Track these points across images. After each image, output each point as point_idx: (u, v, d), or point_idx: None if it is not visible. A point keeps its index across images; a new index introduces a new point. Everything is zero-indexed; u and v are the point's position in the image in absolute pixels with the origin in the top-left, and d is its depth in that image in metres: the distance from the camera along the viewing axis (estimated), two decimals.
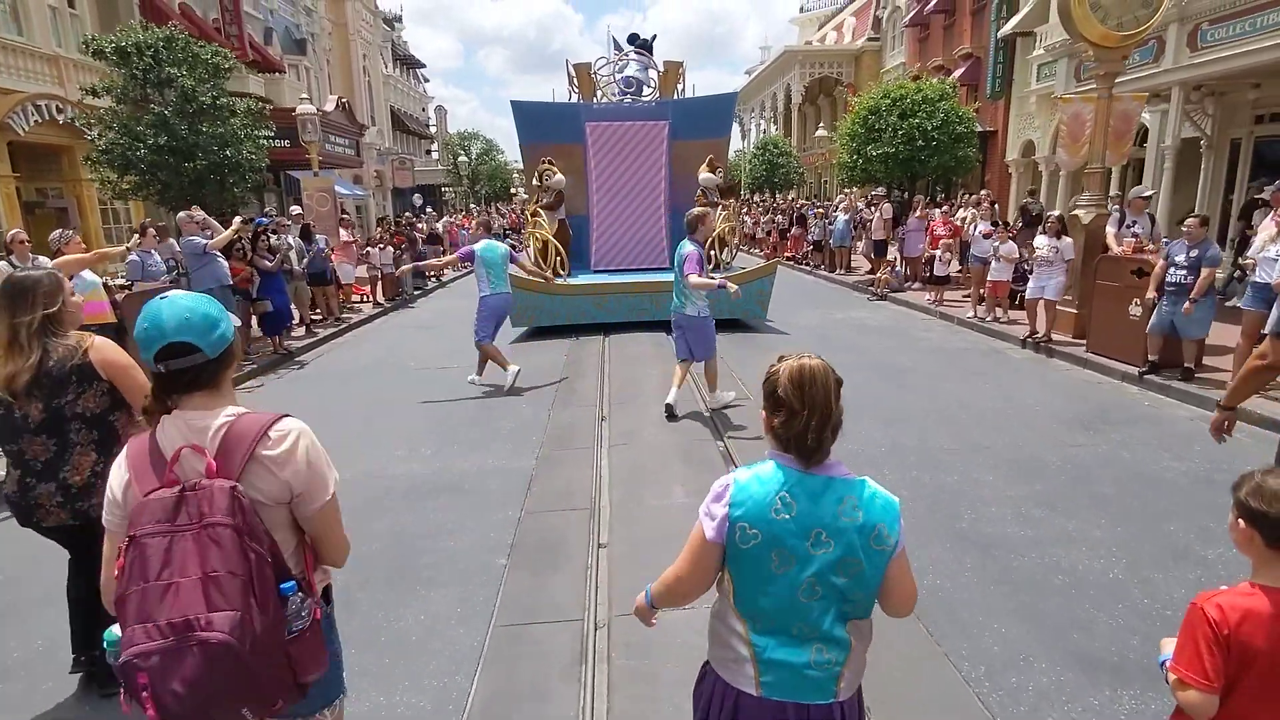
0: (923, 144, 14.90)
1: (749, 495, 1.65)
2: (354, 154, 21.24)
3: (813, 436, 1.63)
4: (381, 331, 12.87)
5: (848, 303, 14.44)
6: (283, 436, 1.68)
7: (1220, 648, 1.61)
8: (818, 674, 1.66)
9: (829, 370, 1.69)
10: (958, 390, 7.68)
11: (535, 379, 8.66)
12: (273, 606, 1.59)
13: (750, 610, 1.69)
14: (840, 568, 1.62)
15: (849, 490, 1.65)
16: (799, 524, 1.62)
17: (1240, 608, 1.62)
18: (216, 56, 10.14)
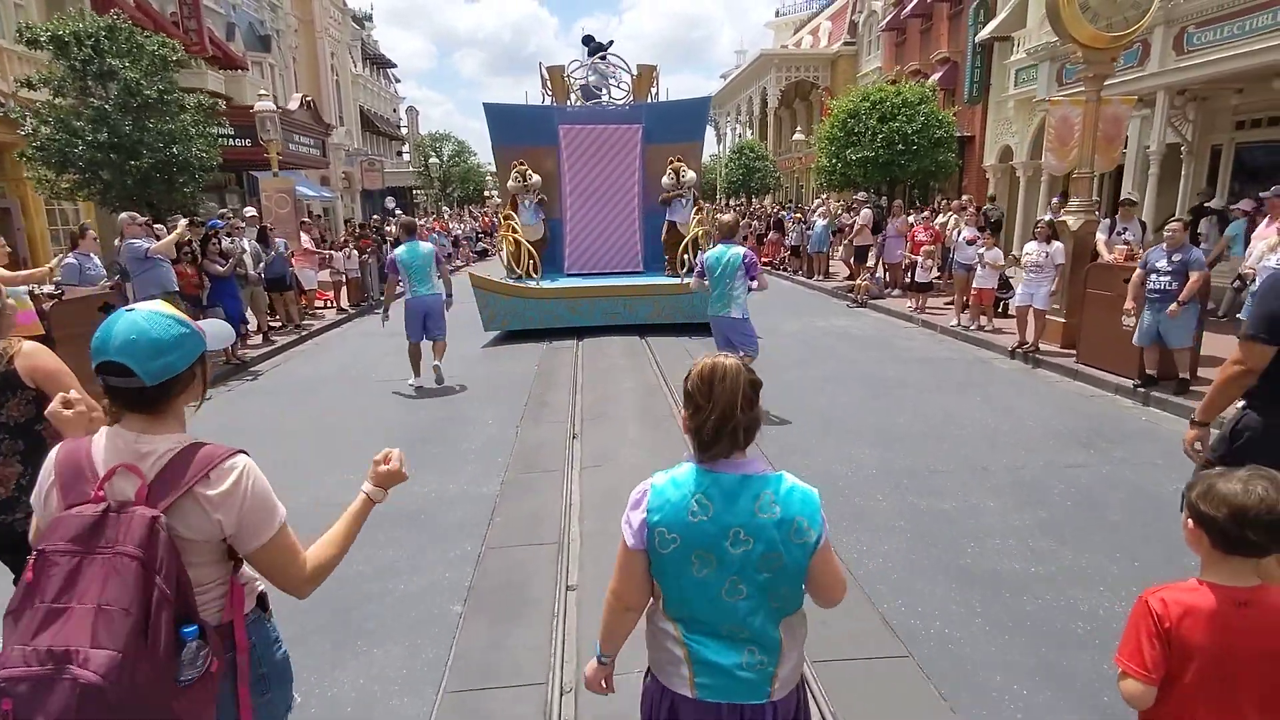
0: (902, 148, 14.63)
1: (666, 500, 1.65)
2: (320, 154, 20.57)
3: (710, 432, 1.62)
4: (345, 339, 12.29)
5: (828, 310, 14.12)
6: (224, 475, 1.59)
7: (1161, 641, 1.64)
8: (750, 675, 1.66)
9: (741, 370, 1.66)
10: (948, 404, 7.33)
11: (505, 390, 8.18)
12: (163, 651, 1.46)
13: (679, 613, 1.70)
14: (762, 564, 1.61)
15: (765, 486, 1.64)
16: (716, 524, 1.62)
17: (1183, 603, 1.65)
18: (164, 48, 9.50)
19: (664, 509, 1.65)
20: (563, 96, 14.13)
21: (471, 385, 8.61)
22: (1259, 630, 1.61)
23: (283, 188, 13.07)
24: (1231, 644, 1.61)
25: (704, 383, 1.65)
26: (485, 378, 9.03)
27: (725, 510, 1.62)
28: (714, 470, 1.66)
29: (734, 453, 1.66)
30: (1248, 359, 2.85)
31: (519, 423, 6.99)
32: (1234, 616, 1.62)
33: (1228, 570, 1.66)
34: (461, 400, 7.91)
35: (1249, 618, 1.62)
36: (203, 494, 1.57)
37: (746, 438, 1.66)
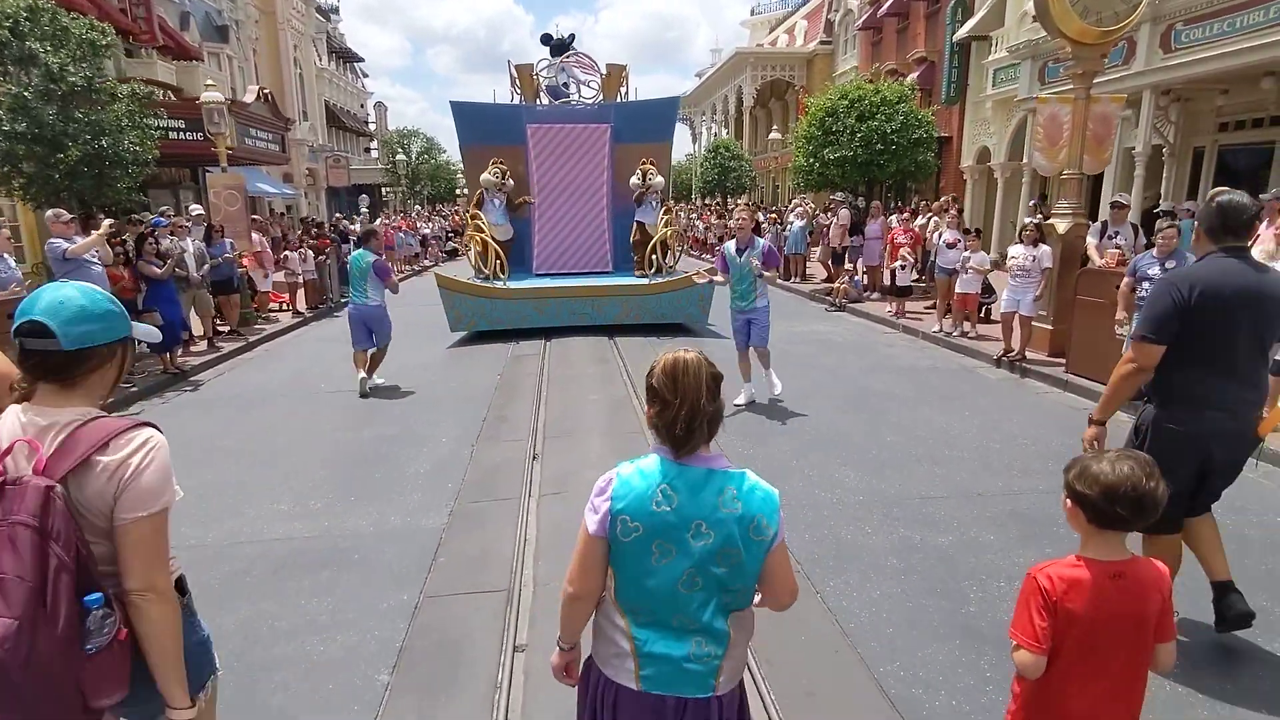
0: (881, 148, 14.24)
1: (631, 489, 1.67)
2: (279, 150, 19.69)
3: (682, 426, 1.65)
4: (297, 345, 11.58)
5: (805, 313, 13.70)
6: (125, 443, 1.57)
7: (1050, 613, 1.79)
8: (697, 667, 1.68)
9: (702, 363, 1.69)
10: (936, 419, 6.88)
11: (464, 402, 7.60)
12: (64, 619, 1.45)
13: (631, 604, 1.70)
14: (720, 557, 1.64)
15: (729, 482, 1.67)
16: (679, 515, 1.64)
17: (1067, 577, 1.81)
18: (92, 32, 8.76)
19: (629, 497, 1.66)
20: (532, 95, 13.96)
21: (428, 396, 8.03)
22: (1129, 598, 1.80)
23: (232, 184, 12.32)
24: (1106, 612, 1.78)
25: (669, 378, 1.67)
26: (444, 388, 8.45)
27: (689, 502, 1.64)
28: (680, 462, 1.67)
29: (702, 447, 1.69)
30: (1139, 358, 2.97)
31: (475, 441, 6.41)
32: (1109, 587, 1.79)
33: (1103, 545, 1.84)
34: (415, 414, 7.31)
35: (1121, 588, 1.80)
36: (100, 460, 1.53)
37: (711, 430, 1.69)
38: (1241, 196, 3.03)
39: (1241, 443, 3.07)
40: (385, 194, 37.49)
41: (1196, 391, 2.96)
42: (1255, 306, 2.88)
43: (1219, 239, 3.00)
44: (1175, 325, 2.89)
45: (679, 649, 1.68)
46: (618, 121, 13.10)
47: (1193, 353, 2.92)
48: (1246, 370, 2.98)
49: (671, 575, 1.65)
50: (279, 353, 10.99)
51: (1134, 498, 1.76)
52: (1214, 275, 2.91)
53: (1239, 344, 2.93)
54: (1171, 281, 2.98)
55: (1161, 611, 1.83)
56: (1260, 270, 2.97)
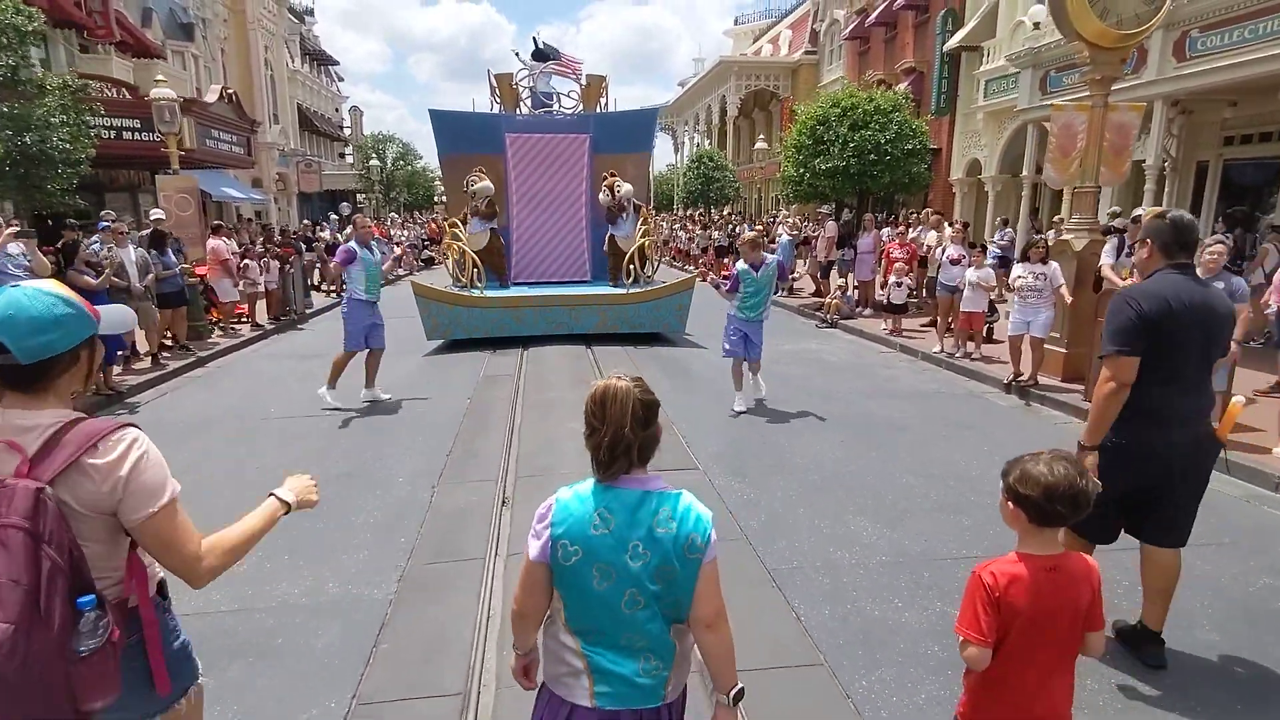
0: (874, 158, 13.67)
1: (570, 513, 1.71)
2: (243, 152, 18.79)
3: (605, 452, 1.70)
4: (251, 362, 10.71)
5: (796, 331, 13.06)
6: (113, 445, 1.56)
7: (993, 608, 1.92)
8: (647, 681, 1.73)
9: (631, 391, 1.72)
10: (950, 455, 6.22)
11: (429, 431, 6.83)
12: (59, 621, 1.45)
13: (579, 626, 1.75)
14: (657, 574, 1.68)
15: (664, 502, 1.71)
16: (616, 538, 1.68)
17: (1008, 574, 1.94)
18: (17, 16, 7.90)
19: (567, 522, 1.71)
20: (512, 104, 13.85)
21: (390, 423, 7.25)
22: (1063, 590, 1.95)
23: (184, 187, 11.44)
24: (1043, 604, 1.92)
25: (597, 405, 1.71)
26: (410, 411, 7.69)
27: (626, 525, 1.69)
28: (615, 486, 1.72)
29: (633, 469, 1.73)
30: (1117, 373, 2.98)
31: (437, 481, 5.64)
32: (1045, 580, 1.94)
33: (1039, 542, 1.98)
34: (373, 445, 6.52)
35: (1056, 580, 1.94)
36: (90, 463, 1.52)
37: (642, 455, 1.73)
38: (1187, 214, 3.18)
39: (1200, 451, 3.11)
40: (360, 200, 36.45)
41: (1148, 405, 2.98)
42: (1204, 321, 2.97)
43: (1172, 255, 3.06)
44: (1141, 335, 2.93)
45: (629, 666, 1.72)
46: (597, 132, 13.06)
47: (1148, 366, 2.95)
48: (1193, 381, 3.06)
49: (615, 596, 1.69)
50: (231, 370, 10.12)
51: (1070, 495, 1.89)
52: (1167, 291, 2.96)
53: (1190, 357, 3.00)
54: (1125, 297, 3.02)
55: (1091, 602, 1.97)
56: (1204, 287, 3.07)
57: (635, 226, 12.09)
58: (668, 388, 8.44)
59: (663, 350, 10.84)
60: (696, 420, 7.17)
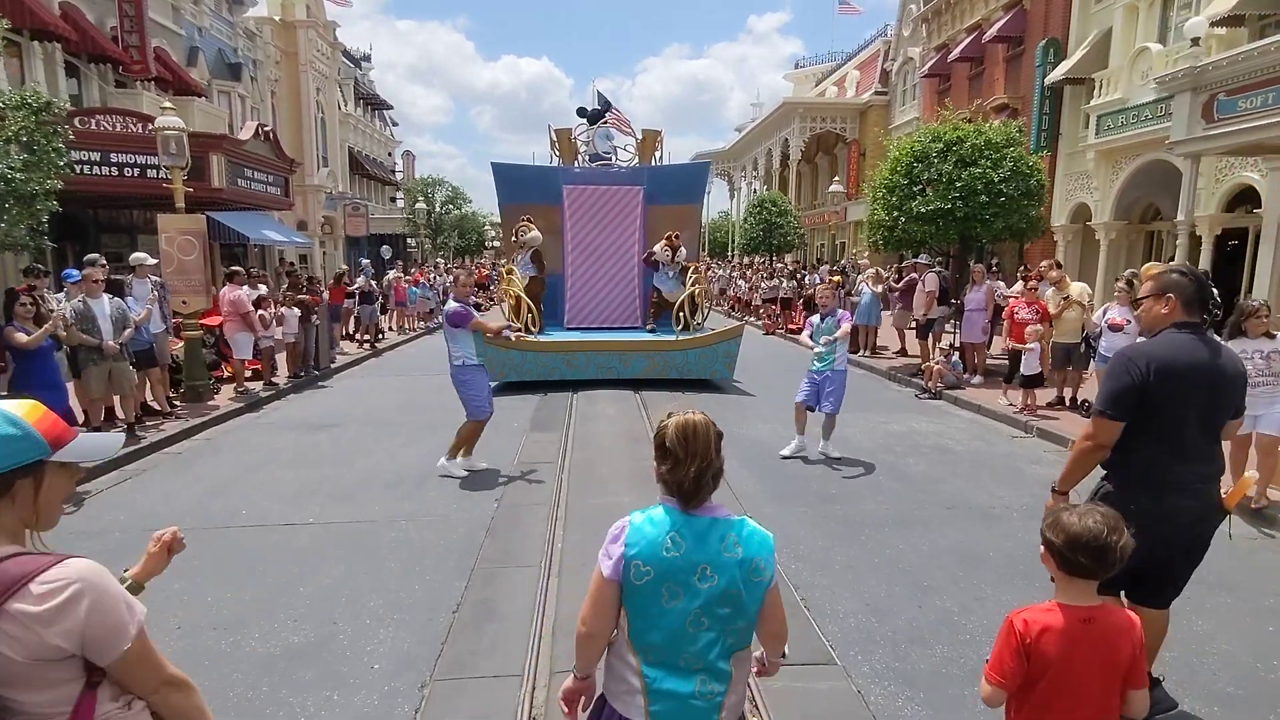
0: (986, 199, 11.58)
1: (643, 536, 1.82)
2: (280, 193, 17.64)
3: (691, 482, 1.81)
4: (250, 433, 9.00)
5: (892, 401, 10.96)
6: (50, 591, 1.36)
7: (1020, 655, 1.95)
8: (701, 704, 1.81)
9: (709, 424, 1.87)
10: (1198, 624, 4.04)
11: (437, 561, 4.89)
12: None
13: (642, 643, 1.83)
14: (724, 599, 1.79)
15: (730, 529, 1.83)
16: (686, 560, 1.79)
17: (1040, 622, 1.96)
18: None
19: (641, 544, 1.81)
20: (570, 157, 14.37)
21: (389, 538, 5.35)
22: (1099, 642, 1.94)
23: (189, 228, 9.97)
24: (1077, 654, 1.93)
25: (683, 439, 1.83)
26: (422, 510, 5.81)
27: (695, 548, 1.80)
28: (687, 512, 1.84)
29: (709, 498, 1.85)
30: (1098, 435, 2.93)
31: (429, 678, 3.67)
32: (1079, 631, 1.94)
33: (1075, 592, 1.99)
34: (349, 587, 4.63)
35: (1091, 632, 1.95)
36: (20, 610, 1.34)
37: (715, 483, 1.86)
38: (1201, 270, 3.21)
39: (1205, 521, 2.95)
40: (409, 245, 35.61)
41: (1152, 473, 2.89)
42: (1213, 384, 2.87)
43: (1193, 312, 2.94)
44: (1133, 401, 2.86)
45: (685, 686, 1.80)
46: (650, 184, 13.54)
47: (1147, 431, 2.88)
48: (1200, 447, 2.93)
49: (681, 615, 1.78)
50: (220, 445, 8.41)
51: (1095, 548, 1.91)
52: (1170, 352, 2.87)
53: (1191, 422, 2.88)
54: (1129, 357, 2.92)
55: (1133, 658, 1.95)
56: (1214, 348, 2.93)
57: (679, 283, 12.42)
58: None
59: (714, 397, 10.84)
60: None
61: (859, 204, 27.76)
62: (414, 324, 20.79)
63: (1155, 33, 15.54)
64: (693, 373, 11.47)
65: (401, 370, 14.11)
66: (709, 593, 1.77)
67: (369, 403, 10.83)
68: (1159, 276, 3.09)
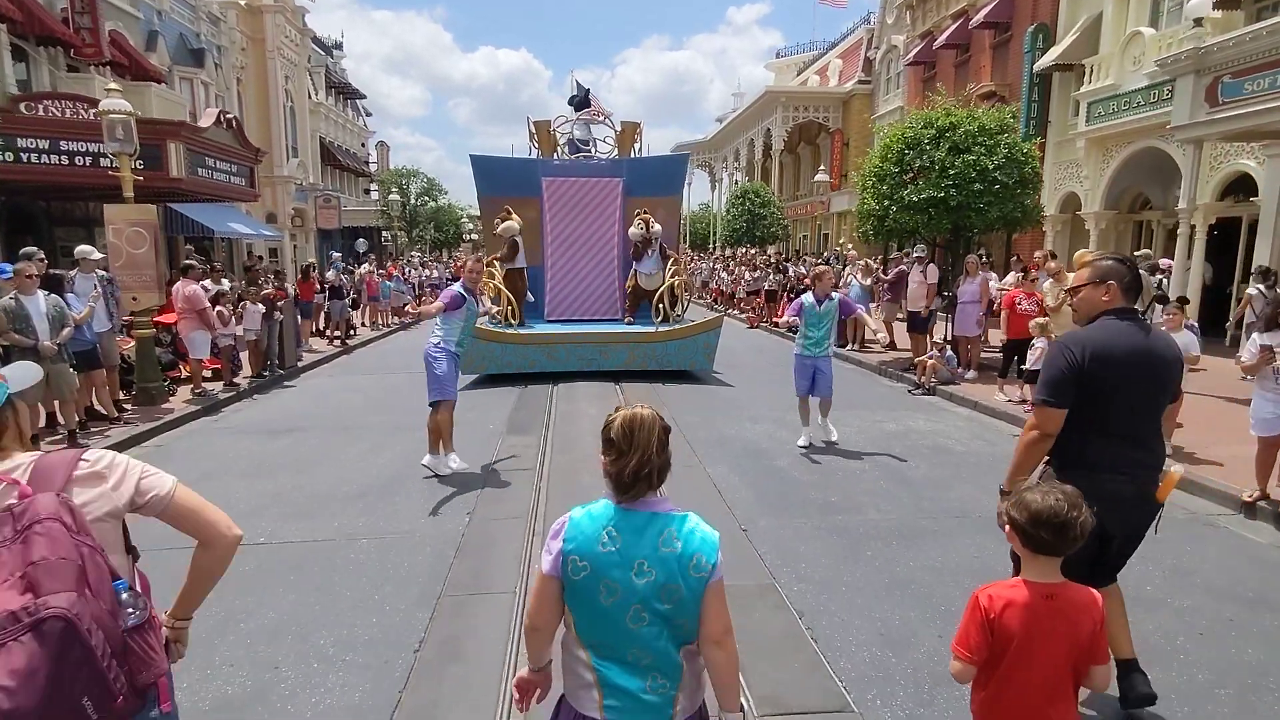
0: (980, 188, 11.17)
1: (580, 530, 1.82)
2: (245, 184, 16.88)
3: (630, 474, 1.80)
4: (205, 439, 8.37)
5: (884, 397, 10.57)
6: (100, 458, 1.67)
7: (984, 630, 2.01)
8: (654, 698, 1.79)
9: (656, 419, 1.86)
10: (1252, 652, 3.61)
11: (398, 588, 4.34)
12: (108, 595, 1.54)
13: (589, 639, 1.83)
14: (663, 594, 1.76)
15: (669, 524, 1.81)
16: (622, 555, 1.77)
17: (1004, 597, 2.02)
18: None
19: (578, 539, 1.81)
20: (549, 150, 14.43)
21: (350, 560, 4.80)
22: (1061, 618, 1.99)
23: (139, 220, 9.29)
24: (1039, 628, 1.98)
25: (626, 431, 1.82)
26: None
27: (632, 543, 1.78)
28: (625, 507, 1.82)
29: (648, 493, 1.82)
30: (1041, 423, 2.95)
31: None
32: (1042, 607, 1.99)
33: (1039, 568, 2.04)
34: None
35: (1054, 608, 2.00)
36: (88, 473, 1.63)
37: (659, 479, 1.83)
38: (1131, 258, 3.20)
39: (1141, 509, 2.99)
40: (385, 238, 34.76)
41: (1089, 455, 2.92)
42: (1145, 369, 2.89)
43: (1130, 299, 3.00)
44: (1072, 388, 2.88)
45: (635, 682, 1.79)
46: (629, 176, 13.52)
47: (1085, 416, 2.90)
48: (1139, 433, 2.96)
49: (620, 611, 1.77)
50: (172, 452, 7.79)
51: (1056, 524, 1.96)
52: (1106, 337, 2.90)
53: (1130, 407, 2.91)
54: (1066, 344, 2.96)
55: (1094, 634, 2.00)
56: (1150, 334, 2.95)
57: (660, 267, 12.47)
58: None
59: (694, 389, 10.83)
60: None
61: (843, 194, 27.41)
62: (388, 319, 20.12)
63: (1147, 17, 15.23)
64: (673, 364, 11.53)
65: (372, 368, 13.50)
66: (646, 588, 1.76)
67: (335, 404, 10.23)
68: (1095, 264, 3.10)
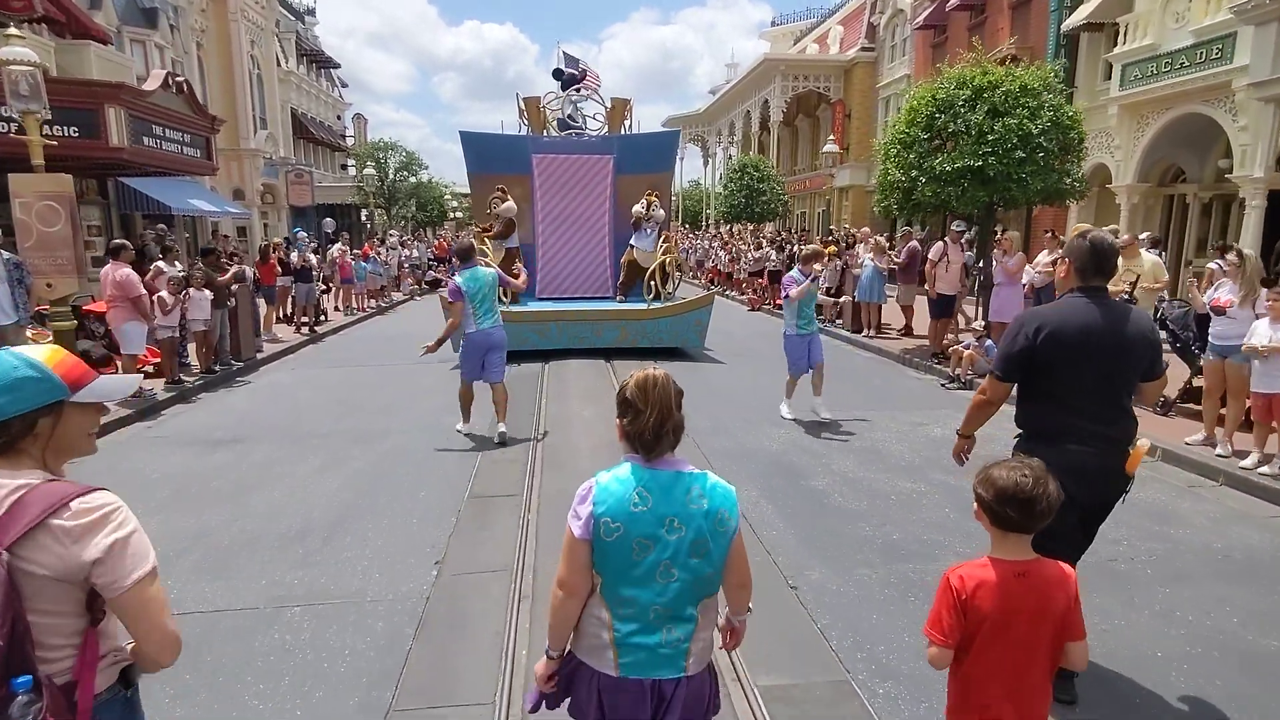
0: (1022, 155, 9.88)
1: (610, 494, 1.85)
2: (200, 155, 15.34)
3: (651, 432, 1.84)
4: (125, 455, 7.01)
5: (914, 392, 9.41)
6: (88, 509, 1.46)
7: (957, 611, 1.96)
8: (668, 651, 1.88)
9: (669, 379, 1.91)
10: None
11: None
12: None
13: (614, 598, 1.88)
14: (693, 549, 1.84)
15: (694, 481, 1.88)
16: (654, 514, 1.83)
17: (975, 578, 1.97)
18: None
19: (609, 501, 1.84)
20: (539, 126, 14.34)
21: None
22: (1034, 595, 1.95)
23: (53, 192, 7.85)
24: (1011, 607, 1.93)
25: (641, 391, 1.87)
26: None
27: (662, 501, 1.84)
28: (651, 467, 1.88)
29: (669, 452, 1.90)
30: (989, 391, 3.13)
31: None
32: (1014, 585, 1.95)
33: (1009, 546, 2.00)
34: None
35: (1026, 586, 1.95)
36: (59, 525, 1.43)
37: (676, 437, 1.90)
38: (1110, 236, 3.06)
39: (1107, 482, 2.98)
40: (364, 216, 33.04)
41: (1049, 425, 2.98)
42: (1104, 347, 2.88)
43: (1086, 278, 2.97)
44: (1021, 363, 2.96)
45: (653, 638, 1.86)
46: (620, 153, 13.48)
47: (1042, 389, 2.98)
48: (1101, 408, 2.94)
49: (652, 567, 1.83)
50: (85, 470, 6.43)
51: (1022, 500, 1.92)
52: (1061, 315, 2.92)
53: (1090, 381, 2.92)
54: (1022, 321, 3.01)
55: (1068, 610, 1.96)
56: (1114, 311, 2.94)
57: (656, 243, 12.41)
58: None
59: (686, 365, 10.85)
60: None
61: (846, 168, 26.06)
62: (363, 303, 18.69)
63: None
64: (664, 341, 11.53)
65: (340, 360, 12.11)
66: (678, 544, 1.82)
67: (291, 405, 8.89)
68: (1066, 243, 3.10)
